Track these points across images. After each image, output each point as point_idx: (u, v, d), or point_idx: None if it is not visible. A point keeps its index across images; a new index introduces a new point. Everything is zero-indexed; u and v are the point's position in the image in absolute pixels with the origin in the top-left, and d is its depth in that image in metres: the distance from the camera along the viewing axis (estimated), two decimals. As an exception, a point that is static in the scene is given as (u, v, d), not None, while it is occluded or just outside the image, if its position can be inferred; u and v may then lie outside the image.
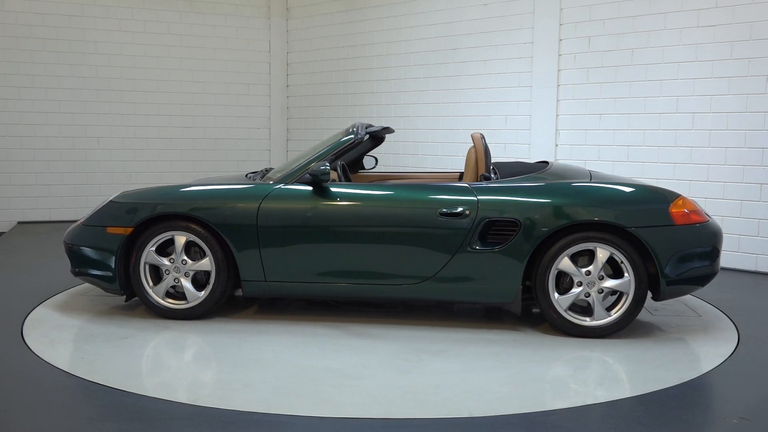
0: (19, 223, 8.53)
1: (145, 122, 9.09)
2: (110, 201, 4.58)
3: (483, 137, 4.65)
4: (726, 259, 6.11)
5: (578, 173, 4.53)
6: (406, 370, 3.59)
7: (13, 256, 6.58)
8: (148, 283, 4.43)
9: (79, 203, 8.81)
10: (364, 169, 5.68)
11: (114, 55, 8.86)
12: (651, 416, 3.01)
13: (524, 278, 4.15)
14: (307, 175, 4.33)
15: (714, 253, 4.12)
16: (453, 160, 7.82)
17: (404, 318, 4.54)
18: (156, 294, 4.43)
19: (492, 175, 4.47)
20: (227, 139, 9.55)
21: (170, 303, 4.44)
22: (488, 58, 7.63)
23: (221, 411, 3.04)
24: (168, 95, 9.18)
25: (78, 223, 4.67)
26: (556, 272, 4.09)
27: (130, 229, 4.36)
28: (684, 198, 4.15)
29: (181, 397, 3.22)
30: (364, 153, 5.64)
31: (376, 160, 5.76)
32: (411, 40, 8.30)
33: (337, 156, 4.51)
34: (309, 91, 9.54)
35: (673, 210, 4.04)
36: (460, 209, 4.14)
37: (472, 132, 4.94)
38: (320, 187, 4.33)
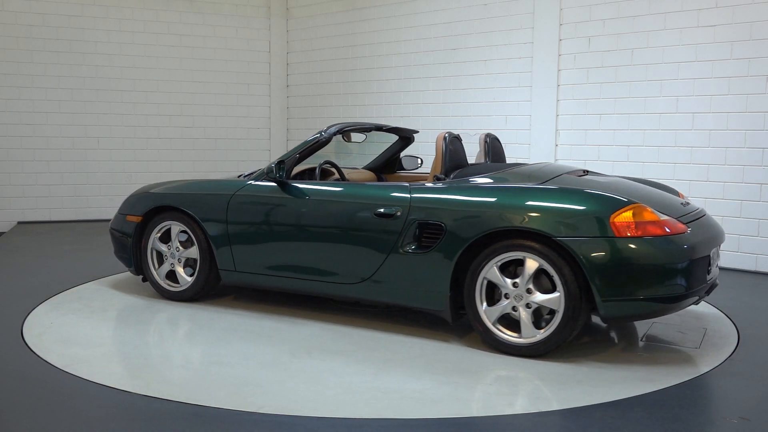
0: (19, 223, 8.53)
1: (145, 122, 9.09)
2: (134, 191, 5.18)
3: (447, 138, 4.33)
4: (726, 259, 6.12)
5: (544, 174, 4.15)
6: (276, 363, 3.67)
7: (13, 256, 6.58)
8: (153, 266, 4.96)
9: (79, 203, 8.82)
10: (403, 169, 5.74)
11: (114, 55, 8.86)
12: (651, 416, 3.01)
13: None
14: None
15: (687, 270, 3.57)
16: (453, 160, 7.81)
17: (360, 317, 4.55)
18: (158, 276, 4.95)
19: (446, 176, 4.23)
20: (227, 139, 9.55)
21: (168, 285, 4.92)
22: (488, 58, 7.63)
23: (221, 411, 3.04)
24: (168, 95, 9.19)
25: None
26: (485, 281, 3.79)
27: (140, 218, 4.94)
28: (639, 208, 3.60)
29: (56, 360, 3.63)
30: (396, 153, 5.70)
31: (421, 160, 5.77)
32: (411, 40, 8.30)
33: (304, 155, 4.63)
34: (309, 91, 9.54)
35: (616, 220, 3.53)
36: (392, 210, 4.06)
37: (480, 132, 4.92)
38: (280, 184, 4.53)
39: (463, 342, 4.03)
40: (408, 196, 4.06)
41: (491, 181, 4.06)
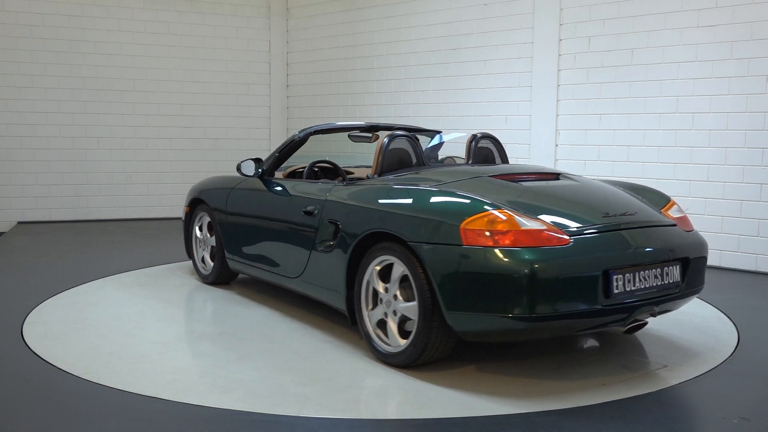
0: (19, 223, 8.53)
1: (145, 122, 9.09)
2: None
3: (388, 138, 4.15)
4: (726, 259, 6.12)
5: (463, 174, 3.88)
6: (176, 341, 4.01)
7: (13, 256, 6.58)
8: (195, 251, 5.58)
9: (79, 203, 8.82)
10: None
11: (114, 55, 8.86)
12: (651, 416, 3.01)
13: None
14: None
15: (552, 288, 3.08)
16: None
17: (308, 307, 4.73)
18: (197, 259, 5.56)
19: (378, 176, 4.09)
20: (227, 139, 9.55)
21: (201, 268, 5.50)
22: (488, 59, 7.63)
23: (221, 411, 3.04)
24: (168, 95, 9.19)
25: None
26: (369, 284, 3.68)
27: (188, 208, 5.61)
28: (497, 216, 3.22)
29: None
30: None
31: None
32: (411, 40, 8.30)
33: (283, 155, 4.87)
34: (309, 91, 9.54)
35: (467, 227, 3.21)
36: (311, 208, 4.19)
37: (475, 131, 4.90)
38: (261, 181, 4.88)
39: (357, 345, 3.93)
40: (326, 194, 4.13)
41: (404, 180, 3.87)
